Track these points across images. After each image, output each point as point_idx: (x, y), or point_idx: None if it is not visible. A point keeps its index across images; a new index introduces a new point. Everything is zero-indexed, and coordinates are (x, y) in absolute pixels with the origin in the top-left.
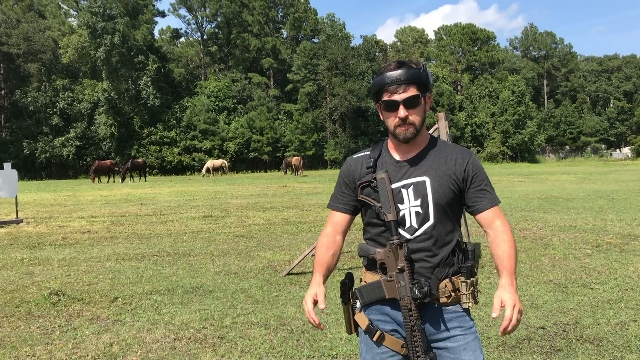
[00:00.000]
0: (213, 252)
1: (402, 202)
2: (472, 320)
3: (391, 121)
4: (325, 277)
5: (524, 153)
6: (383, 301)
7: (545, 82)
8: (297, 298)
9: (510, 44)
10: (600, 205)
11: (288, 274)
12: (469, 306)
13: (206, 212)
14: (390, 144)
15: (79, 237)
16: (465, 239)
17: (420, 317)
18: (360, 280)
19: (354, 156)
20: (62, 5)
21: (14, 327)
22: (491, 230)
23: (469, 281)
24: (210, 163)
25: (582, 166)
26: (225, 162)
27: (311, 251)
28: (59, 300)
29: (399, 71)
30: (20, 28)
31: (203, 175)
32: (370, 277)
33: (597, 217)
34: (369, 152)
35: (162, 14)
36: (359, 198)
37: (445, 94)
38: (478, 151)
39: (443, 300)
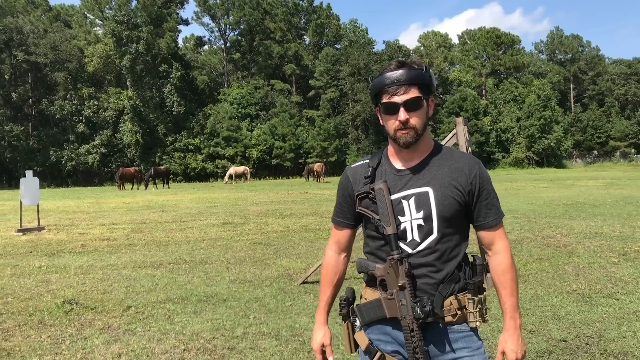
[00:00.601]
0: (229, 260)
1: (402, 214)
2: (480, 340)
3: (391, 125)
4: (329, 310)
5: (550, 158)
6: (384, 320)
7: (571, 86)
8: (310, 307)
9: (535, 47)
10: (629, 211)
11: (303, 282)
12: (476, 325)
13: (226, 219)
14: (390, 151)
15: (98, 244)
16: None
17: (423, 338)
18: (361, 297)
19: (352, 165)
20: (87, 15)
21: (25, 337)
22: (491, 252)
23: (476, 298)
24: (233, 170)
25: (610, 171)
26: (248, 168)
27: None
28: (72, 309)
29: (400, 71)
30: (48, 38)
31: (226, 182)
32: (371, 294)
33: (625, 224)
34: (367, 161)
35: (186, 22)
36: (357, 210)
37: (469, 98)
38: (503, 157)
39: (448, 319)
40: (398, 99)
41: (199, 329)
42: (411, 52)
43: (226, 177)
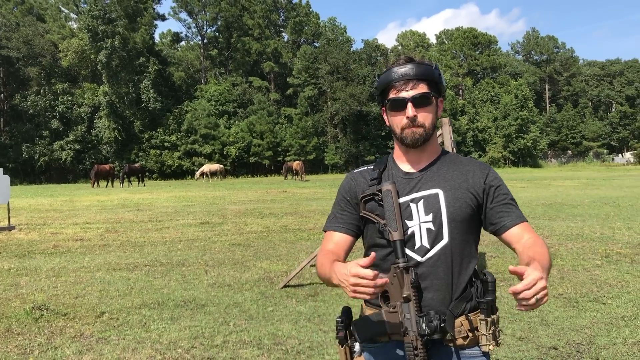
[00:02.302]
0: (208, 262)
1: (410, 218)
2: None
3: (398, 122)
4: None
5: (526, 158)
6: (385, 342)
7: (547, 86)
8: (293, 313)
9: (512, 48)
10: (607, 212)
11: (285, 286)
12: (489, 349)
13: (203, 219)
14: (397, 154)
15: (71, 245)
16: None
17: None
18: (360, 317)
19: (356, 170)
20: (62, 9)
21: None
22: (521, 243)
23: (489, 319)
24: (207, 168)
25: (584, 171)
26: (221, 166)
27: (309, 262)
28: (42, 315)
29: (409, 66)
30: (20, 31)
31: (196, 179)
32: (370, 313)
33: (604, 225)
34: (372, 166)
35: (163, 18)
36: (361, 214)
37: (447, 98)
38: (480, 156)
39: (459, 341)
40: (406, 94)
41: (177, 337)
42: (389, 51)
43: (197, 174)
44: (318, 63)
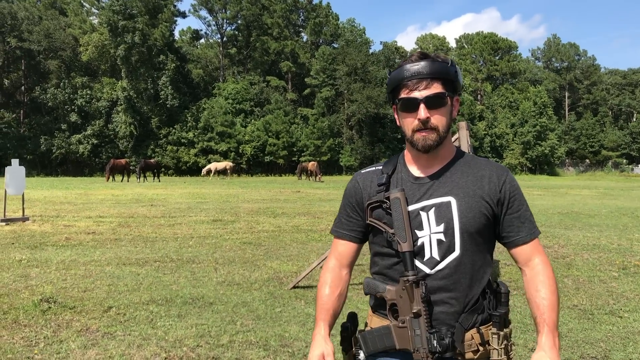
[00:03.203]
0: (218, 260)
1: (420, 228)
2: None
3: (409, 124)
4: (331, 326)
5: (543, 165)
6: (392, 352)
7: (566, 94)
8: (301, 315)
9: (532, 54)
10: (625, 223)
11: (294, 287)
12: None
13: (216, 216)
14: (407, 156)
15: (83, 238)
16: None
17: None
18: (366, 325)
19: (362, 171)
20: (83, 3)
21: None
22: (528, 268)
23: (501, 333)
24: (213, 166)
25: (602, 181)
26: (230, 164)
27: (320, 263)
28: (50, 307)
29: (422, 63)
30: (42, 25)
31: (203, 175)
32: (377, 323)
33: (622, 236)
34: (380, 167)
35: (183, 15)
36: (367, 222)
37: (466, 103)
38: (497, 162)
39: (469, 355)
40: (418, 94)
41: (183, 334)
42: (408, 54)
43: (204, 171)
44: (336, 64)
